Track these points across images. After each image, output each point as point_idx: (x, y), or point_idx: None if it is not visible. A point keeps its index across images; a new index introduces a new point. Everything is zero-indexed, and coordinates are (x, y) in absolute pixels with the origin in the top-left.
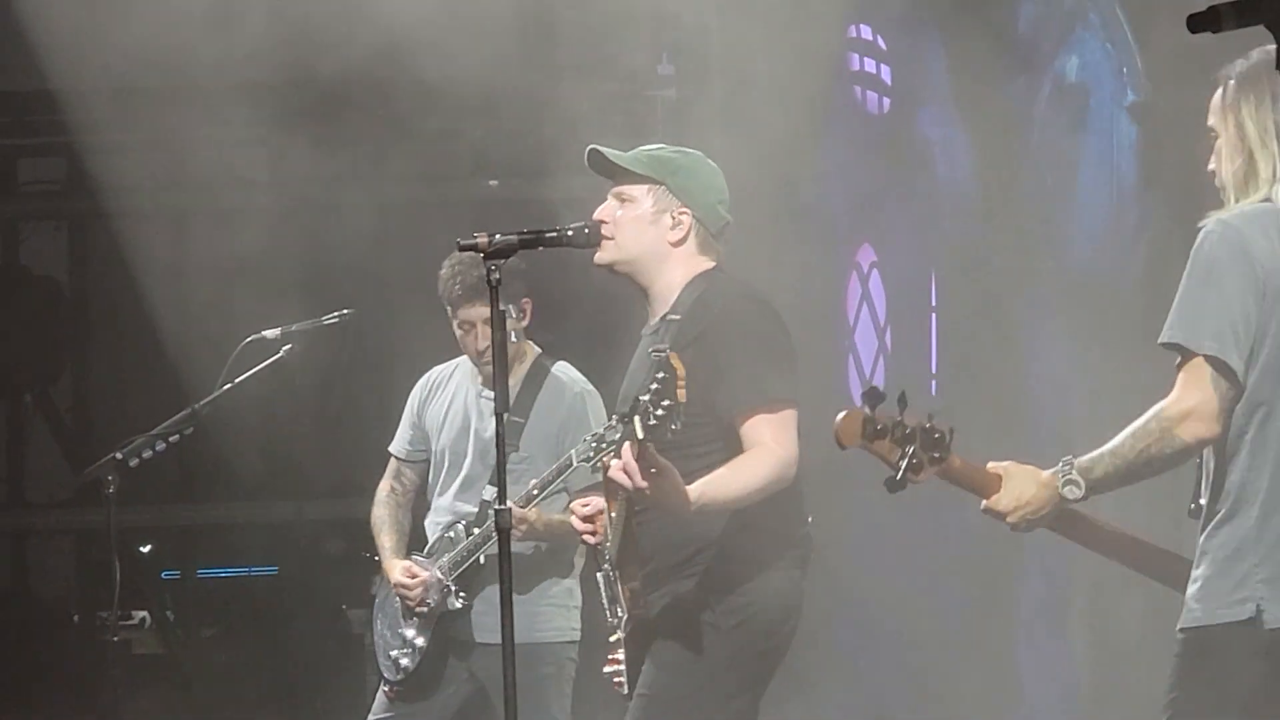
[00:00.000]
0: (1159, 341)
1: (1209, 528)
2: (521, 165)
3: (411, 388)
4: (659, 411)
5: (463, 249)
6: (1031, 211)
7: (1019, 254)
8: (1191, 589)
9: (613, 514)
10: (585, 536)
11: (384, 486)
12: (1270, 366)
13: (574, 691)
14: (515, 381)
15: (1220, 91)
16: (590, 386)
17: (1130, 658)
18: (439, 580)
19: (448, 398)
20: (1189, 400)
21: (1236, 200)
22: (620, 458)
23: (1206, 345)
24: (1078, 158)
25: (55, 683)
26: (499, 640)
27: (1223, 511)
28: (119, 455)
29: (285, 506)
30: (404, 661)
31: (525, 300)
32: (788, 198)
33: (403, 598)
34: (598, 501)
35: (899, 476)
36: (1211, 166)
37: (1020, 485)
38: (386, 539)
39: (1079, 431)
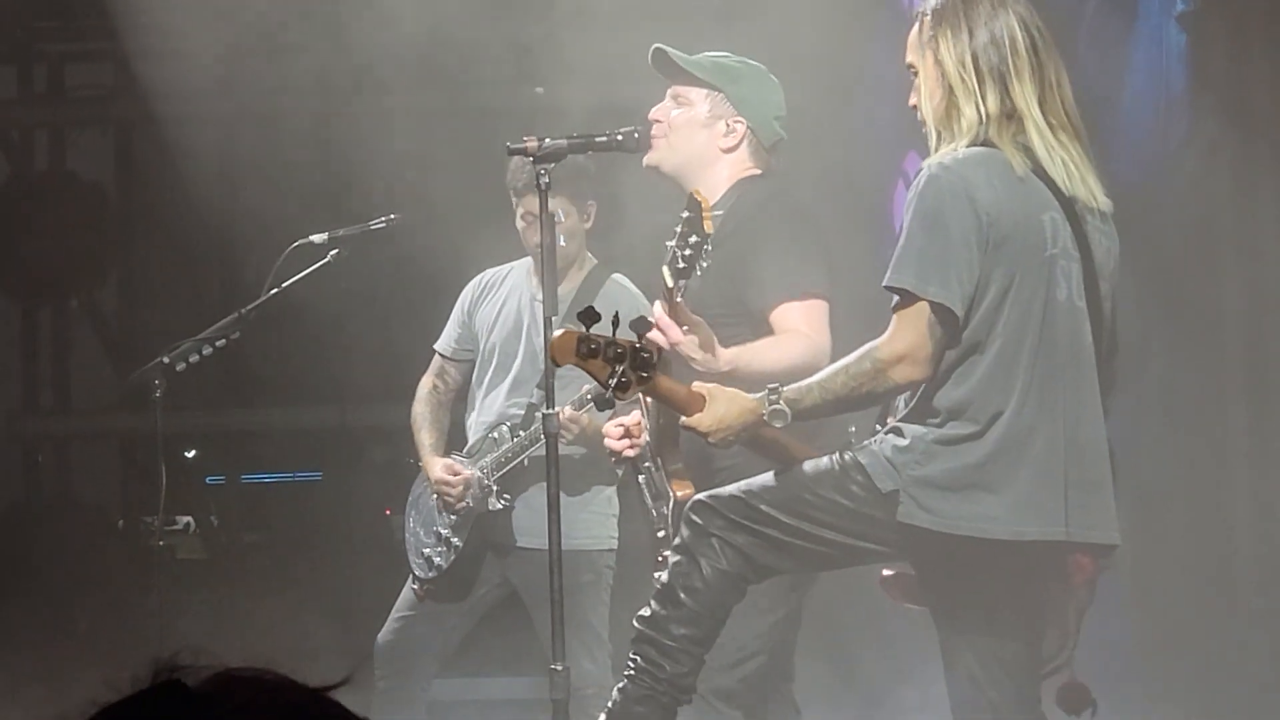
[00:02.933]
0: (884, 284)
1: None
2: (569, 72)
3: (458, 293)
4: (687, 251)
5: (512, 153)
6: (1082, 119)
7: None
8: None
9: (648, 403)
10: (625, 452)
11: (426, 383)
12: (989, 311)
13: (611, 600)
14: (571, 288)
15: (917, 27)
16: (646, 301)
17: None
18: (480, 479)
19: (500, 298)
20: (903, 343)
21: (939, 136)
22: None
23: (932, 291)
24: (1126, 67)
25: (100, 587)
26: (539, 545)
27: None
28: (165, 360)
29: (330, 412)
30: (437, 560)
31: (590, 202)
32: (837, 104)
33: (442, 494)
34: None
35: (608, 394)
36: (912, 102)
37: (723, 407)
38: (427, 436)
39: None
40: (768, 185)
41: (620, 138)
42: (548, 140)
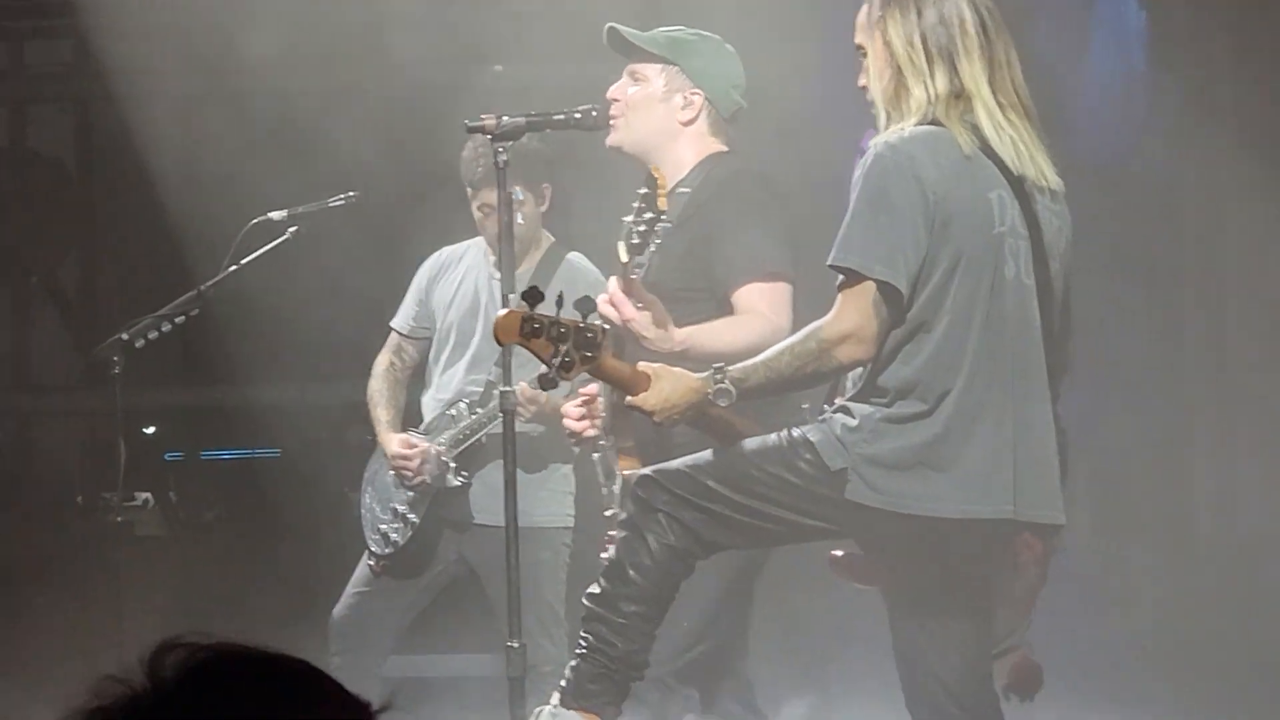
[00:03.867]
0: (829, 263)
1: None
2: (529, 50)
3: (416, 270)
4: (641, 228)
5: (470, 130)
6: (1039, 98)
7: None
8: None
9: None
10: (585, 432)
11: (383, 360)
12: (936, 290)
13: (567, 577)
14: (529, 267)
15: (866, 7)
16: (604, 279)
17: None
18: (437, 456)
19: (458, 276)
20: (848, 322)
21: (888, 116)
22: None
23: (878, 270)
24: (1086, 46)
25: (59, 562)
26: (496, 522)
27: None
28: (125, 336)
29: (289, 389)
30: (394, 536)
31: (545, 185)
32: (799, 83)
33: (399, 470)
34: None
35: (552, 374)
36: (861, 83)
37: (668, 386)
38: (383, 412)
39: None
40: (735, 162)
41: (578, 116)
42: (505, 118)
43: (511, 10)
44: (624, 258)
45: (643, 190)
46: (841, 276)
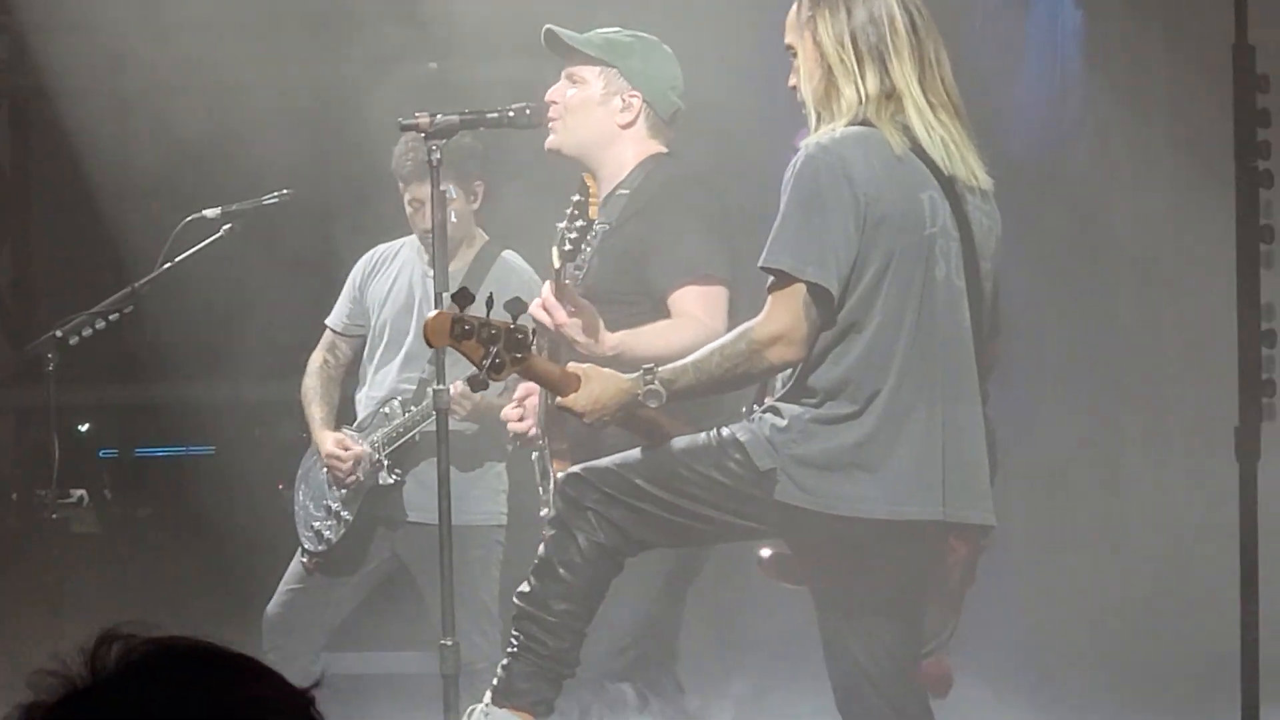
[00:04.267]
0: (760, 264)
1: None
2: (465, 47)
3: (350, 268)
4: (573, 235)
5: (404, 129)
6: (974, 96)
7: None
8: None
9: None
10: (531, 432)
11: (316, 358)
12: (867, 291)
13: (501, 575)
14: (462, 265)
15: (795, 7)
16: (538, 277)
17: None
18: (371, 454)
19: (392, 274)
20: (779, 324)
21: (818, 117)
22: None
23: (809, 272)
24: (1021, 44)
25: None
26: (429, 520)
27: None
28: (59, 333)
29: (223, 386)
30: (327, 533)
31: (478, 182)
32: (736, 82)
33: (332, 469)
34: (523, 393)
35: (482, 375)
36: (792, 83)
37: (598, 387)
38: (317, 410)
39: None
40: (675, 165)
41: (512, 114)
42: (439, 116)
43: (447, 8)
44: (556, 263)
45: (575, 197)
46: (772, 278)
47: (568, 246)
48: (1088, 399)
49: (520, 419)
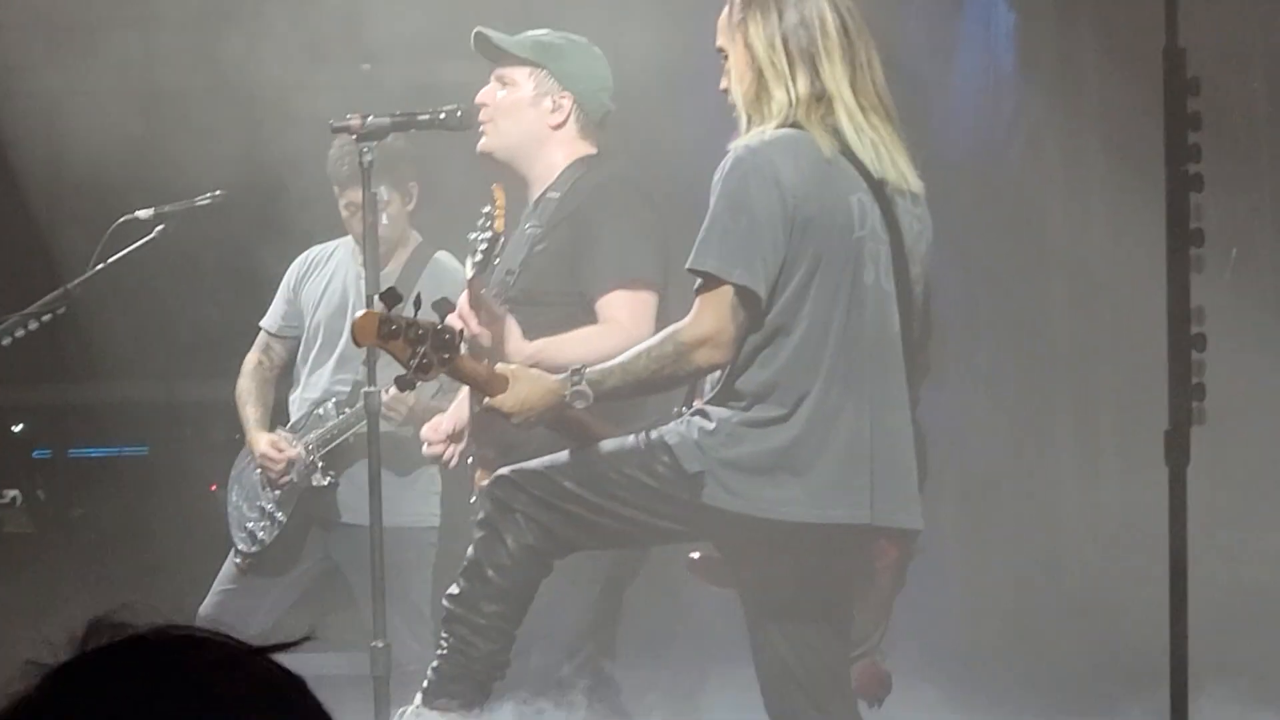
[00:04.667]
0: (687, 267)
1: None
2: (397, 49)
3: (285, 269)
4: (484, 245)
5: (335, 130)
6: (907, 99)
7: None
8: None
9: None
10: (447, 457)
11: (251, 359)
12: (795, 294)
13: (433, 577)
14: (396, 267)
15: (727, 9)
16: None
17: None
18: (304, 455)
19: (326, 275)
20: (706, 326)
21: (749, 120)
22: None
23: (736, 274)
24: (955, 45)
25: None
26: (362, 521)
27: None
28: None
29: (157, 387)
30: (260, 534)
31: (412, 184)
32: (670, 85)
33: (266, 470)
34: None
35: (409, 375)
36: (723, 86)
37: (525, 388)
38: (252, 411)
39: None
40: (606, 167)
41: (443, 116)
42: (371, 118)
43: (381, 8)
44: (469, 273)
45: (485, 208)
46: (700, 280)
47: (479, 257)
48: (1020, 401)
49: (438, 444)
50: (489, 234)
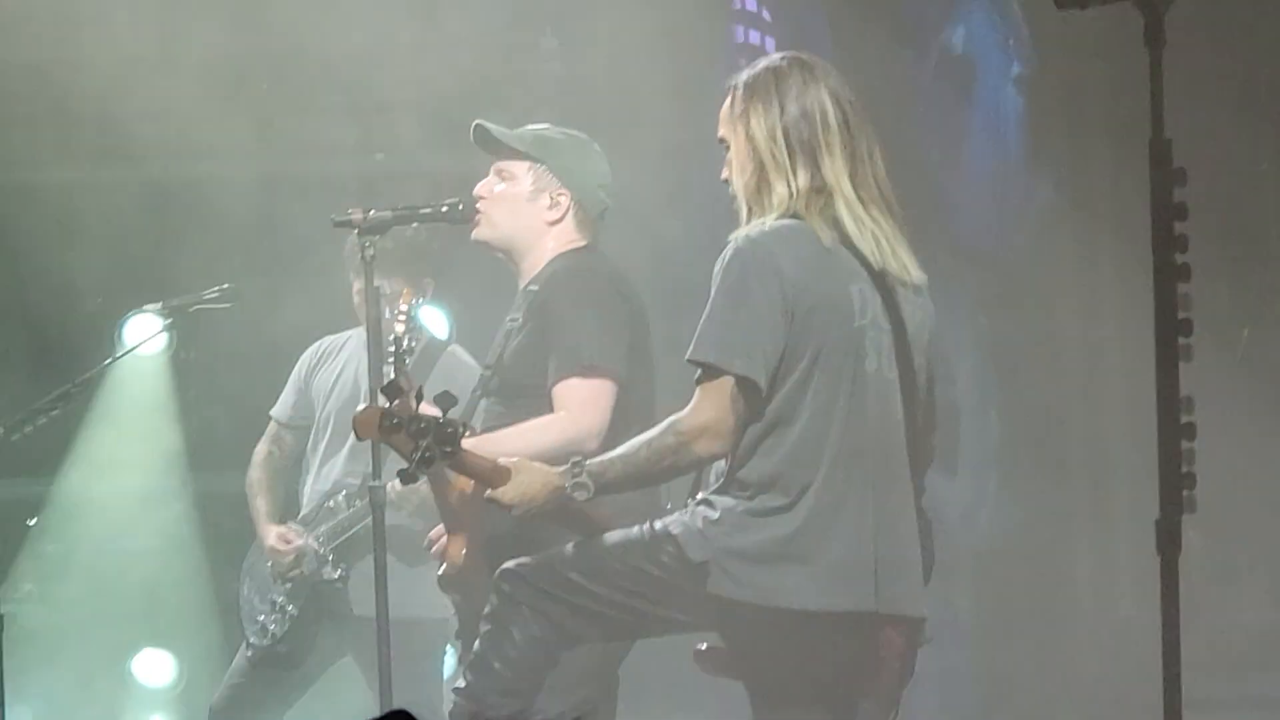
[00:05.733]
0: (687, 358)
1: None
2: (408, 140)
3: (296, 359)
4: (390, 347)
5: (337, 225)
6: (919, 183)
7: (907, 226)
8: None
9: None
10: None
11: (262, 449)
12: (797, 383)
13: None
14: (410, 360)
15: (729, 101)
16: None
17: None
18: (315, 548)
19: (338, 366)
20: (705, 416)
21: (750, 211)
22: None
23: (737, 365)
24: (964, 130)
25: None
26: (373, 613)
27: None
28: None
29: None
30: (272, 627)
31: (428, 280)
32: (673, 171)
33: (275, 562)
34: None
35: (412, 469)
36: (725, 176)
37: (527, 480)
38: (262, 502)
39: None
40: (581, 258)
41: (445, 209)
42: (373, 212)
43: (390, 100)
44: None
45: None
46: (700, 370)
47: (389, 359)
48: (1033, 483)
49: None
50: (393, 335)
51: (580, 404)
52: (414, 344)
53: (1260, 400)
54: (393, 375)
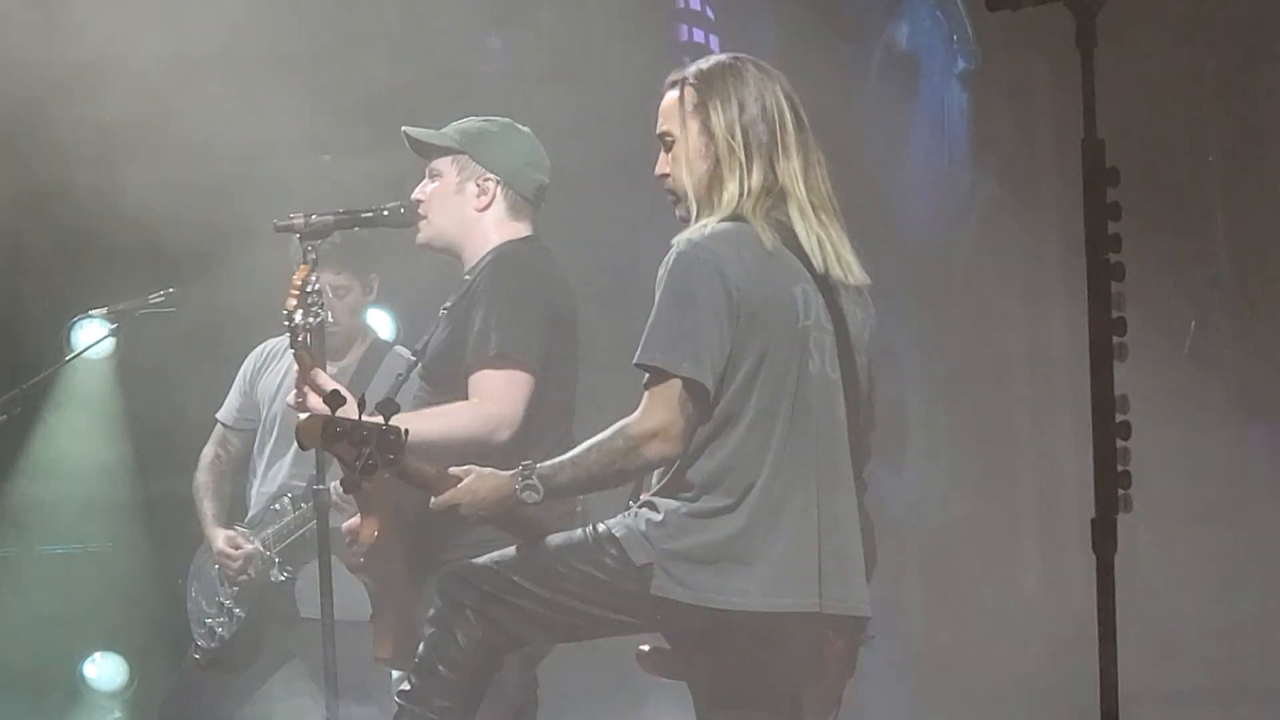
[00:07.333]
0: (634, 362)
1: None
2: (354, 141)
3: (240, 362)
4: (286, 323)
5: (279, 230)
6: (864, 181)
7: (852, 223)
8: None
9: None
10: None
11: (208, 453)
12: (743, 384)
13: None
14: (353, 360)
15: (676, 94)
16: None
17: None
18: (261, 551)
19: (283, 368)
20: (655, 420)
21: (697, 207)
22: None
23: (684, 368)
24: (909, 126)
25: None
26: (319, 615)
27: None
28: None
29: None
30: (219, 630)
31: (373, 275)
32: (618, 169)
33: (223, 566)
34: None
35: (355, 476)
36: (664, 171)
37: (475, 484)
38: (209, 506)
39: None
40: (516, 249)
41: (386, 213)
42: (314, 216)
43: (337, 102)
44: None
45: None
46: (648, 374)
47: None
48: (979, 484)
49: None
50: (284, 310)
51: (492, 394)
52: (311, 320)
53: (1207, 390)
54: (294, 353)
